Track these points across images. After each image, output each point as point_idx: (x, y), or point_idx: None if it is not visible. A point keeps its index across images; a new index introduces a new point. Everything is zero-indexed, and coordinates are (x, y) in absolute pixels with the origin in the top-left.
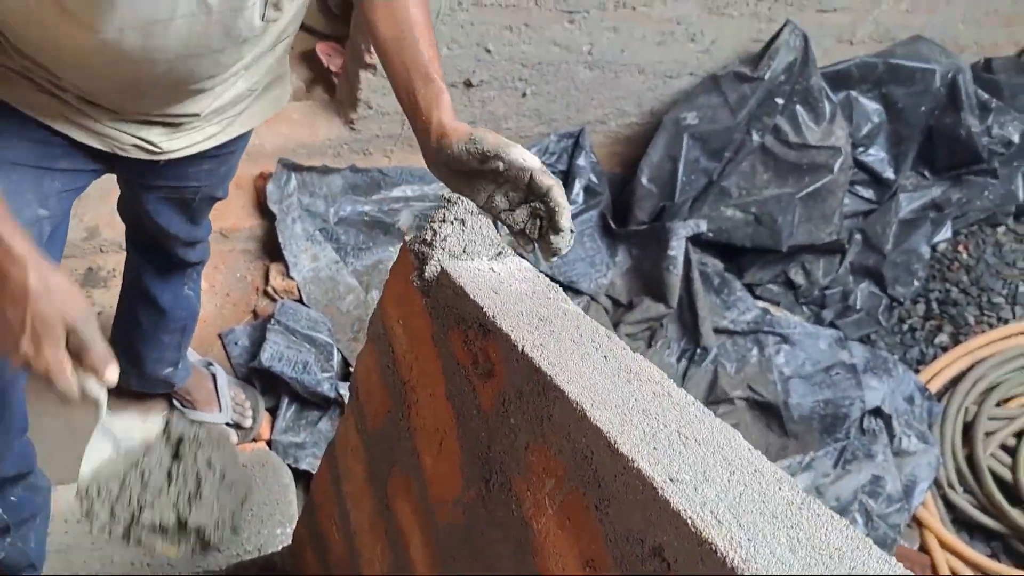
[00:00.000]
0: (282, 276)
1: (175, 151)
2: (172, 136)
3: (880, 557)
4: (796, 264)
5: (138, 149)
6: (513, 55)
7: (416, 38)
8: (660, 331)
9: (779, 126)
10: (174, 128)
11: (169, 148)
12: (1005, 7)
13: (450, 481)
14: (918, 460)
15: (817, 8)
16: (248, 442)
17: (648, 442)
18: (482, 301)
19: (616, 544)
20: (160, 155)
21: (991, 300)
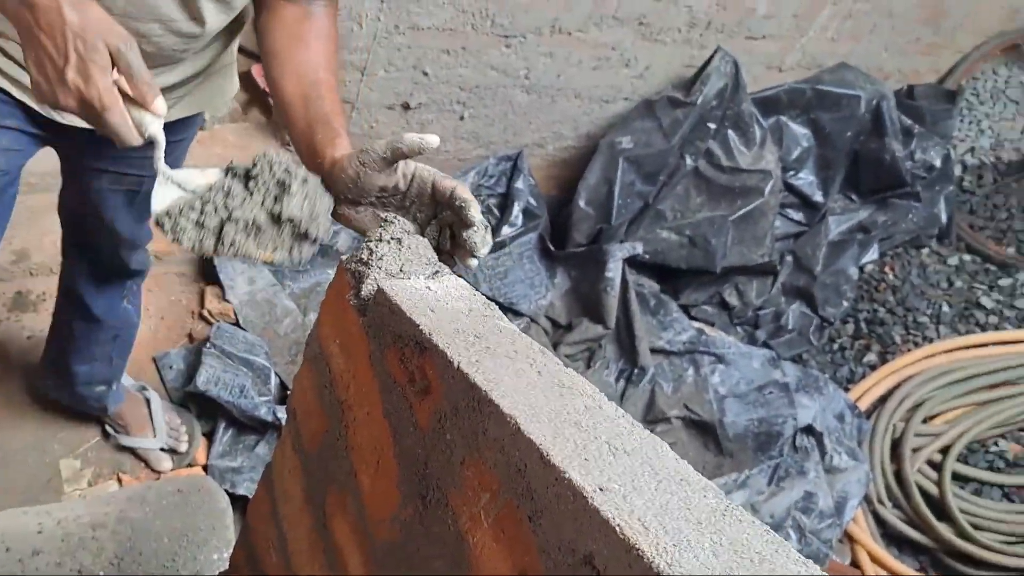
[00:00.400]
0: (218, 299)
1: None
2: None
3: (798, 560)
4: (730, 285)
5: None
6: (451, 78)
7: (322, 95)
8: (599, 352)
9: (711, 150)
10: None
11: None
12: (926, 36)
13: (387, 499)
14: (849, 477)
15: (747, 35)
16: (184, 467)
17: (580, 454)
18: (419, 319)
19: (549, 554)
20: None
21: (916, 320)
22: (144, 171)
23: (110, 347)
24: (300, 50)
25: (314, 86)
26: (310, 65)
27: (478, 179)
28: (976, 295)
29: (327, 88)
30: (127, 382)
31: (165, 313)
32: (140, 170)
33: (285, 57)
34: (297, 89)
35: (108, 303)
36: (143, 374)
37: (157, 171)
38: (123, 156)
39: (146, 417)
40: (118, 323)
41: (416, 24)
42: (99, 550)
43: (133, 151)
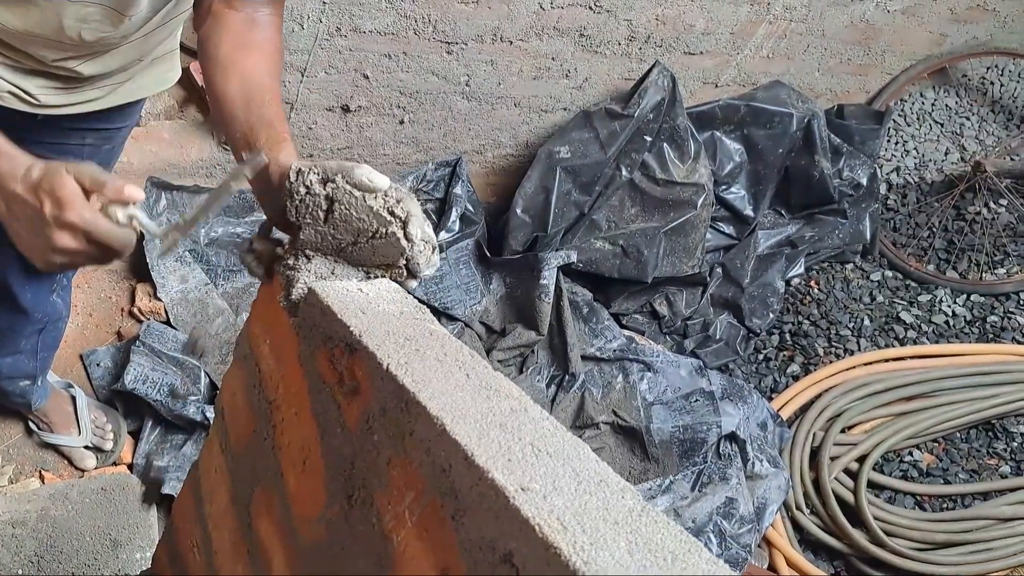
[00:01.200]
0: (149, 297)
1: (53, 107)
2: (53, 92)
3: (709, 559)
4: (660, 295)
5: (14, 98)
6: (391, 82)
7: (266, 101)
8: (531, 357)
9: (647, 162)
10: (56, 82)
11: (48, 103)
12: (857, 57)
13: (313, 498)
14: (769, 483)
15: (685, 51)
16: (109, 465)
17: (503, 454)
18: (349, 321)
19: (470, 552)
20: (38, 108)
21: (839, 332)
22: (82, 157)
23: (36, 340)
24: (244, 58)
25: (258, 90)
26: (255, 72)
27: (416, 184)
28: (896, 310)
29: (272, 95)
30: (53, 379)
31: (94, 310)
32: (78, 157)
33: (228, 64)
34: (240, 92)
35: (36, 295)
36: (70, 371)
37: (155, 238)
38: (63, 143)
39: (71, 414)
40: (46, 316)
41: (358, 27)
42: (18, 548)
43: (71, 138)
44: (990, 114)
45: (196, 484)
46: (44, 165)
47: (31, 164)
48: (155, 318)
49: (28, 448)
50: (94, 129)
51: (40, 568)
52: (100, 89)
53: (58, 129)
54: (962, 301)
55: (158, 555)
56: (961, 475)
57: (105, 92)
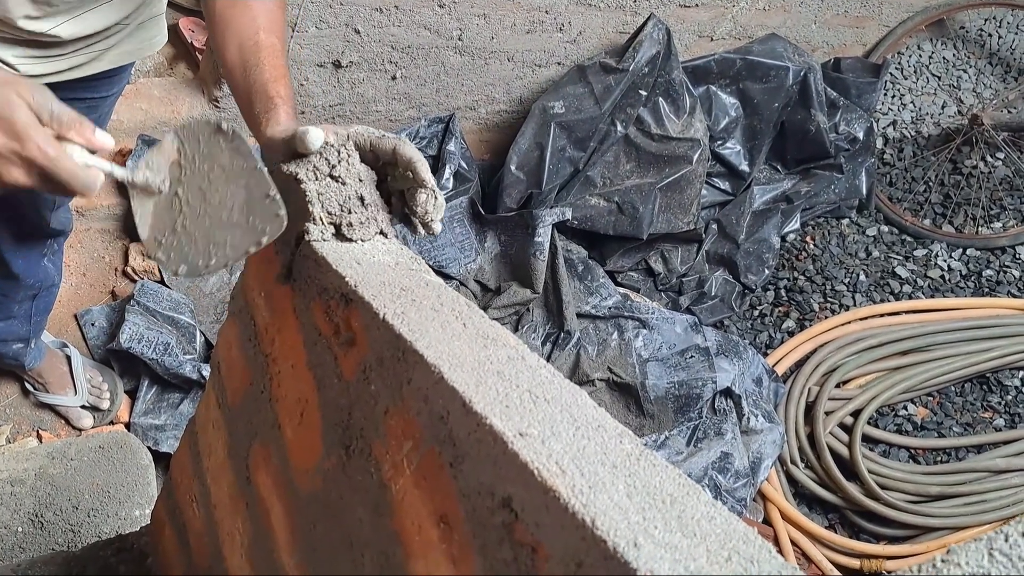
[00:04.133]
0: (142, 256)
1: (34, 77)
2: (34, 60)
3: (707, 501)
4: (656, 252)
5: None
6: (383, 37)
7: (261, 62)
8: (526, 315)
9: (642, 117)
10: (36, 50)
11: (29, 72)
12: (854, 9)
13: (311, 450)
14: (764, 438)
15: (680, 3)
16: (106, 424)
17: (501, 401)
18: (344, 271)
19: (468, 498)
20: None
21: (834, 288)
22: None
23: (29, 305)
24: (240, 13)
25: (253, 51)
26: (250, 28)
27: (410, 140)
28: (892, 265)
29: (268, 53)
30: (47, 339)
31: (87, 270)
32: None
33: (226, 22)
34: (237, 57)
35: (28, 261)
36: (64, 331)
37: (129, 185)
38: None
39: (67, 374)
40: (38, 282)
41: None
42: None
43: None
44: (988, 66)
45: (194, 439)
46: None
47: None
48: (149, 277)
49: (25, 408)
50: (80, 98)
51: (39, 525)
52: (83, 55)
53: None
54: (958, 255)
55: (157, 512)
56: (955, 428)
57: (88, 58)
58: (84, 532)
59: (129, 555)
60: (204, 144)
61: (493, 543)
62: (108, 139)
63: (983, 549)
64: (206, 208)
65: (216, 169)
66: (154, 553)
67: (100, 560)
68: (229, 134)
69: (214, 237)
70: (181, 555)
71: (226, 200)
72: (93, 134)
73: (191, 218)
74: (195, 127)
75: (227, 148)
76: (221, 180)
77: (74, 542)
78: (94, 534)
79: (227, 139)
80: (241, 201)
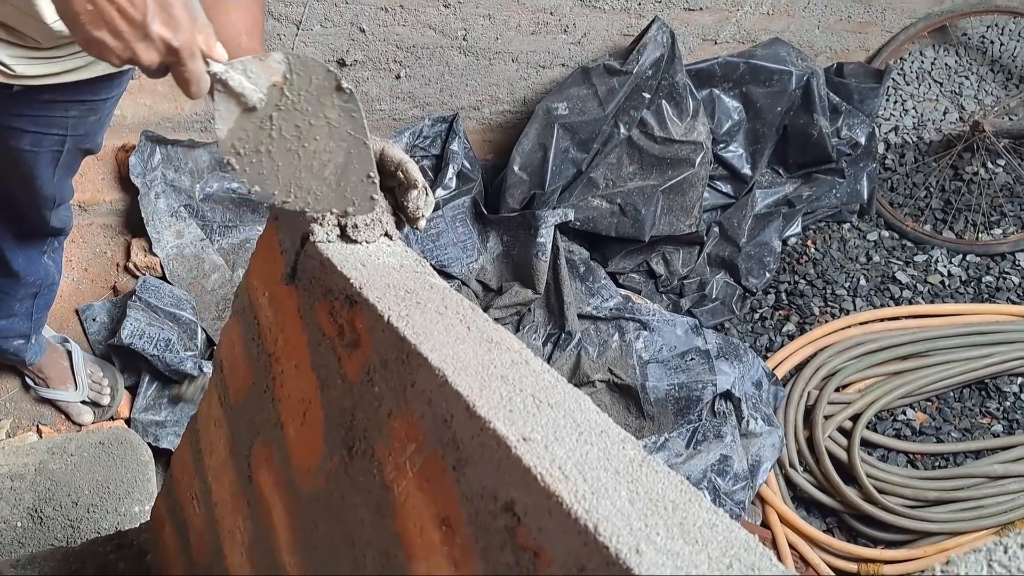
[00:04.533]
0: (144, 252)
1: (29, 77)
2: (28, 61)
3: (709, 508)
4: (657, 254)
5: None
6: (388, 36)
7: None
8: (528, 316)
9: (645, 120)
10: (33, 51)
11: (23, 73)
12: (857, 15)
13: (313, 450)
14: (763, 441)
15: (684, 7)
16: (106, 420)
17: (505, 405)
18: (349, 273)
19: (471, 502)
20: (14, 79)
21: (834, 292)
22: (67, 131)
23: (30, 303)
24: (220, 16)
25: (236, 55)
26: (233, 32)
27: (413, 140)
28: (892, 270)
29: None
30: (48, 334)
31: (89, 265)
32: (62, 130)
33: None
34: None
35: (28, 259)
36: (65, 326)
37: (222, 85)
38: (44, 116)
39: (67, 369)
40: (38, 279)
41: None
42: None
43: (54, 110)
44: (989, 73)
45: (195, 437)
46: None
47: None
48: (151, 273)
49: (25, 403)
50: (78, 101)
51: (39, 520)
52: (81, 58)
53: (38, 102)
54: (958, 261)
55: (157, 508)
56: (954, 434)
57: (87, 61)
58: (83, 528)
59: (128, 552)
60: (315, 87)
61: (495, 547)
62: (224, 54)
63: (983, 560)
64: (300, 149)
65: (321, 119)
66: (154, 550)
67: (99, 556)
68: (347, 93)
69: (299, 179)
70: (181, 552)
71: (322, 153)
72: (216, 44)
73: (280, 149)
74: (310, 64)
75: (340, 105)
76: (323, 132)
77: (73, 538)
78: (93, 530)
79: (343, 97)
80: (339, 163)
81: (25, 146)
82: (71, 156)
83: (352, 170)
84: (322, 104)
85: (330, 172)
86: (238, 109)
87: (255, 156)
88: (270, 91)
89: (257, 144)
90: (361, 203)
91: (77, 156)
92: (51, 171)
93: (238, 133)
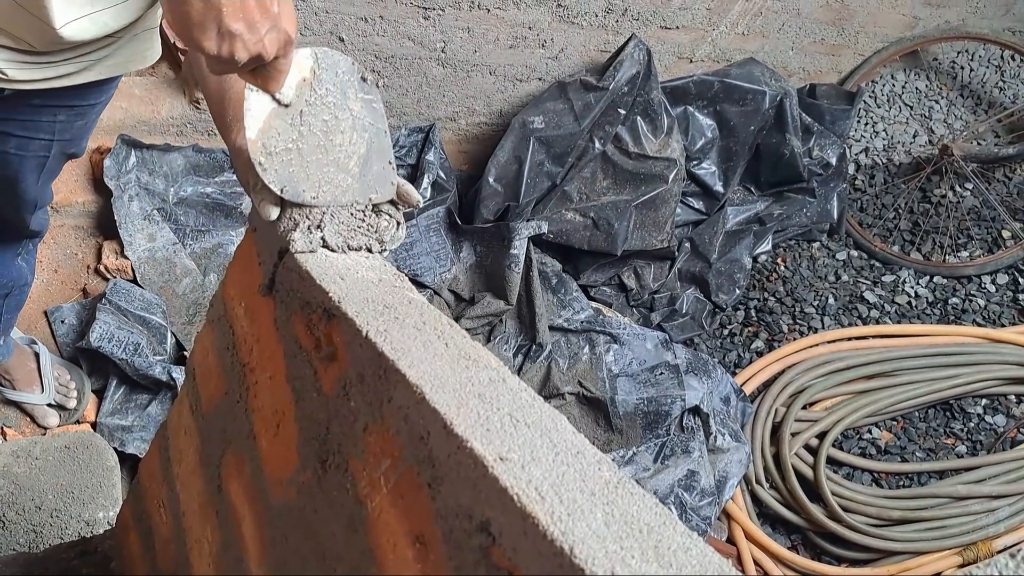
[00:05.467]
0: (116, 255)
1: (23, 82)
2: (21, 65)
3: (683, 532)
4: (629, 268)
5: None
6: (367, 46)
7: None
8: (499, 327)
9: (620, 135)
10: (26, 56)
11: (16, 77)
12: (830, 37)
13: (286, 462)
14: (730, 457)
15: (661, 25)
16: (72, 423)
17: (482, 424)
18: (328, 286)
19: (446, 520)
20: (6, 83)
21: (803, 310)
22: (53, 135)
23: (1, 304)
24: None
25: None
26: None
27: None
28: (860, 289)
29: None
30: (16, 335)
31: (59, 266)
32: (49, 135)
33: None
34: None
35: (2, 260)
36: (34, 328)
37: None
38: (32, 121)
39: (34, 372)
40: (11, 281)
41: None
42: None
43: (42, 115)
44: (959, 98)
45: (164, 444)
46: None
47: None
48: (122, 276)
49: None
50: (67, 105)
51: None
52: (73, 64)
53: (27, 106)
54: (925, 282)
55: (123, 514)
56: (918, 453)
57: (80, 67)
58: (47, 533)
59: (92, 558)
60: (340, 80)
61: (469, 565)
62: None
63: None
64: (327, 143)
65: (345, 111)
66: (118, 557)
67: (63, 562)
68: (369, 85)
69: (327, 174)
70: (146, 560)
71: (347, 145)
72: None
73: (310, 145)
74: (335, 58)
75: (362, 98)
76: (348, 124)
77: (36, 543)
78: (57, 535)
79: (365, 89)
80: (361, 153)
81: (11, 149)
82: (56, 161)
83: (374, 159)
84: (346, 97)
85: (354, 164)
86: (270, 107)
87: (286, 154)
88: (299, 87)
89: (288, 141)
90: (383, 189)
91: (61, 160)
92: (35, 175)
93: (269, 131)
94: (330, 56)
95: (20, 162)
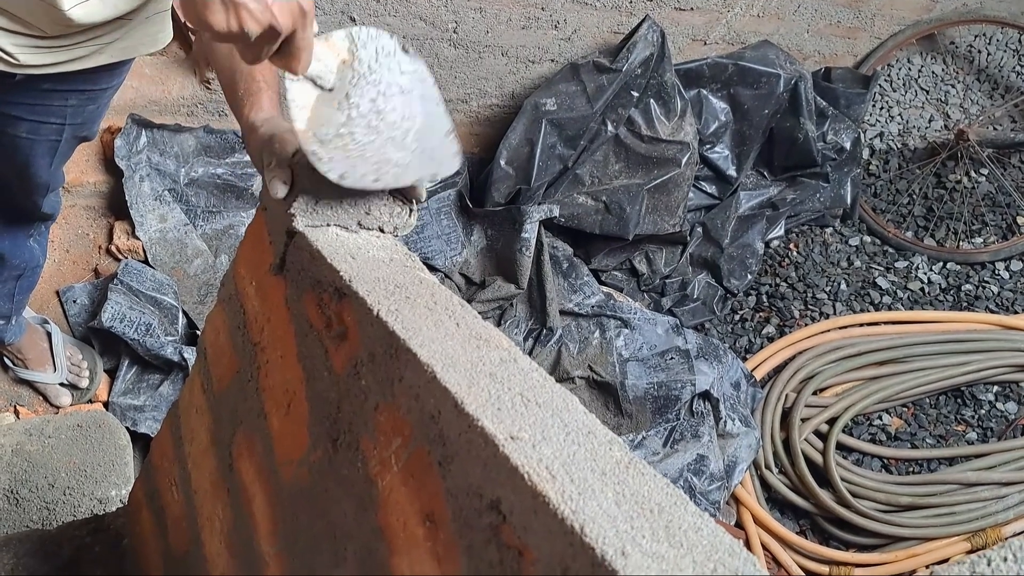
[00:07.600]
0: (127, 235)
1: (33, 67)
2: (32, 50)
3: (694, 512)
4: (640, 253)
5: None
6: (378, 26)
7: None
8: (510, 310)
9: (633, 118)
10: (37, 40)
11: (27, 62)
12: (847, 20)
13: (297, 441)
14: (740, 442)
15: (675, 6)
16: (84, 403)
17: (493, 403)
18: (339, 266)
19: (456, 498)
20: (17, 68)
21: (815, 296)
22: (65, 119)
23: (13, 284)
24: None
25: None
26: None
27: None
28: (873, 275)
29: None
30: (28, 315)
31: (71, 246)
32: (61, 119)
33: None
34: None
35: (14, 242)
36: (46, 307)
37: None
38: (44, 105)
39: (46, 351)
40: (23, 262)
41: None
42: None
43: (54, 100)
44: (975, 83)
45: (176, 424)
46: None
47: None
48: (133, 257)
49: (3, 383)
50: (78, 90)
51: (15, 502)
52: (84, 48)
53: (38, 91)
54: (938, 269)
55: (135, 493)
56: (928, 440)
57: (90, 51)
58: (59, 510)
59: (105, 536)
60: (382, 55)
61: (479, 544)
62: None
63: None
64: (380, 123)
65: (394, 87)
66: (130, 535)
67: (75, 539)
68: (412, 57)
69: (386, 155)
70: (158, 538)
71: (400, 122)
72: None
73: (362, 127)
74: (373, 36)
75: (408, 70)
76: (397, 100)
77: (49, 520)
78: (70, 513)
79: (409, 60)
80: (417, 128)
81: (23, 134)
82: (68, 144)
83: (431, 132)
84: (391, 71)
85: (411, 139)
86: (314, 94)
87: (338, 140)
88: (340, 70)
89: (339, 127)
90: (447, 161)
91: (73, 144)
92: (48, 159)
93: (318, 120)
94: (367, 33)
95: (32, 146)
